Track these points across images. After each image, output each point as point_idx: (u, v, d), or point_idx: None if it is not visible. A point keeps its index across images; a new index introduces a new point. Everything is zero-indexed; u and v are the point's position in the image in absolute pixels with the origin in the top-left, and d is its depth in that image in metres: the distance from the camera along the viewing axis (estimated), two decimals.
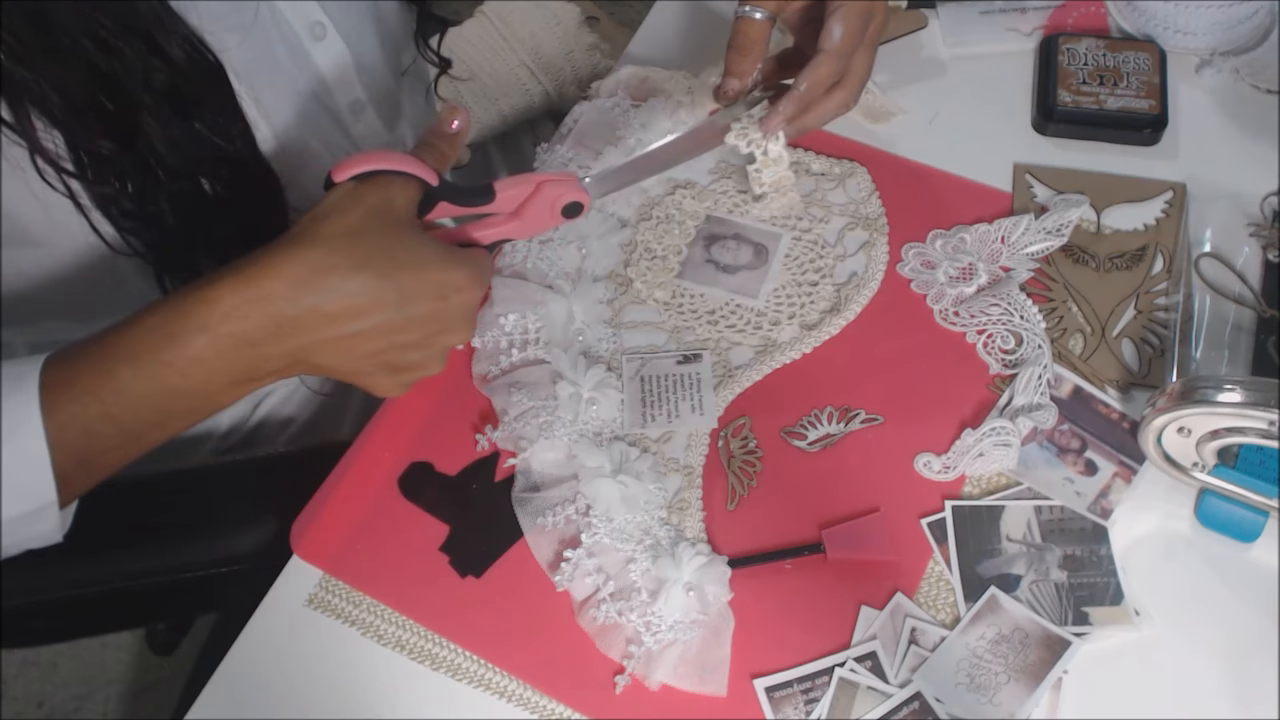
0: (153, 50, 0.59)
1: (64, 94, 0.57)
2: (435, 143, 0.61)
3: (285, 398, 0.85)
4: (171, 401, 0.54)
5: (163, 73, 0.59)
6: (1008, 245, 0.70)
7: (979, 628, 0.57)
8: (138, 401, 0.53)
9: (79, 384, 0.52)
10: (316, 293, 0.53)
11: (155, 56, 0.59)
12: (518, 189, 0.61)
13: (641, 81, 0.80)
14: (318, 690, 0.59)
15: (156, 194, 0.62)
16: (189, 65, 0.60)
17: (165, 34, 0.59)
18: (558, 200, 0.62)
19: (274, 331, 0.53)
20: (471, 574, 0.61)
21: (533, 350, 0.68)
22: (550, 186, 0.61)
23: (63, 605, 0.75)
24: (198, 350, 0.52)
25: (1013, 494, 0.61)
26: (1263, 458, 0.57)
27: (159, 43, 0.59)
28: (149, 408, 0.53)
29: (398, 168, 0.56)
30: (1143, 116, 0.74)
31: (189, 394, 0.54)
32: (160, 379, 0.52)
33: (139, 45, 0.58)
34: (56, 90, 0.56)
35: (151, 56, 0.59)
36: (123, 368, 0.52)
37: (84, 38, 0.56)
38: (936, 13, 0.82)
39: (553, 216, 0.62)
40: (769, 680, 0.56)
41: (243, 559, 0.73)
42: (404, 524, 0.63)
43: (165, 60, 0.59)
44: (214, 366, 0.53)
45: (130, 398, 0.53)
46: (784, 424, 0.65)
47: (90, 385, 0.52)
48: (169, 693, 1.34)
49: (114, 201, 0.62)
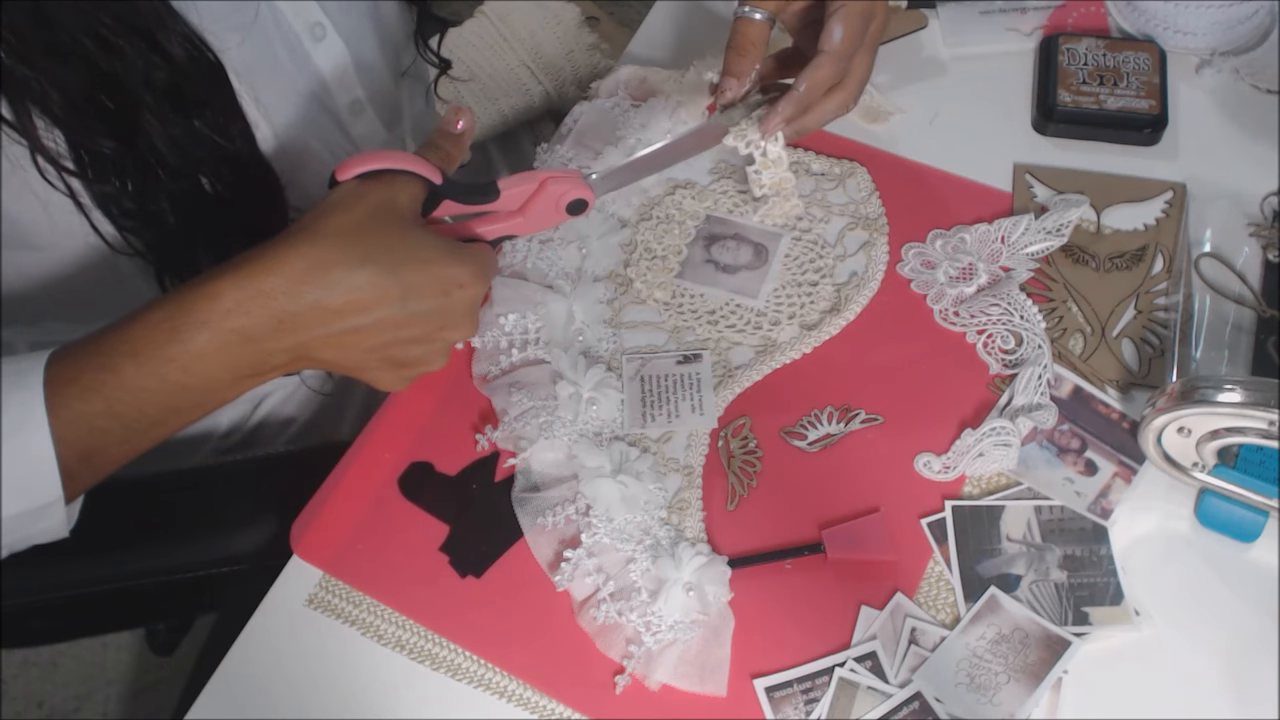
0: (153, 49, 0.59)
1: (65, 92, 0.57)
2: (440, 143, 0.61)
3: (285, 398, 0.85)
4: (175, 397, 0.54)
5: (163, 71, 0.59)
6: (1008, 245, 0.70)
7: (979, 628, 0.57)
8: (142, 397, 0.53)
9: (83, 380, 0.53)
10: (319, 288, 0.53)
11: (156, 55, 0.59)
12: (522, 186, 0.61)
13: (641, 81, 0.80)
14: (318, 690, 0.59)
15: (157, 193, 0.62)
16: (190, 64, 0.61)
17: (166, 33, 0.59)
18: (562, 197, 0.62)
19: (275, 327, 0.53)
20: (471, 574, 0.61)
21: (533, 350, 0.68)
22: (555, 183, 0.61)
23: (63, 605, 0.75)
24: (200, 346, 0.52)
25: (1013, 494, 0.61)
26: (1263, 458, 0.57)
27: (160, 41, 0.59)
28: (153, 404, 0.53)
29: (402, 167, 0.56)
30: (1143, 116, 0.74)
31: (192, 390, 0.54)
32: (163, 375, 0.53)
33: (140, 44, 0.58)
34: (57, 89, 0.56)
35: (152, 55, 0.59)
36: (126, 363, 0.52)
37: (85, 36, 0.56)
38: (936, 13, 0.82)
39: (557, 213, 0.63)
40: (769, 680, 0.56)
41: (243, 559, 0.73)
42: (404, 524, 0.63)
43: (166, 59, 0.59)
44: (217, 362, 0.53)
45: (134, 394, 0.53)
46: (784, 424, 0.65)
47: (94, 381, 0.52)
48: (169, 693, 1.34)
49: (114, 200, 0.62)
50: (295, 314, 0.53)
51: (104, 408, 0.53)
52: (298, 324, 0.53)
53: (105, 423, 0.53)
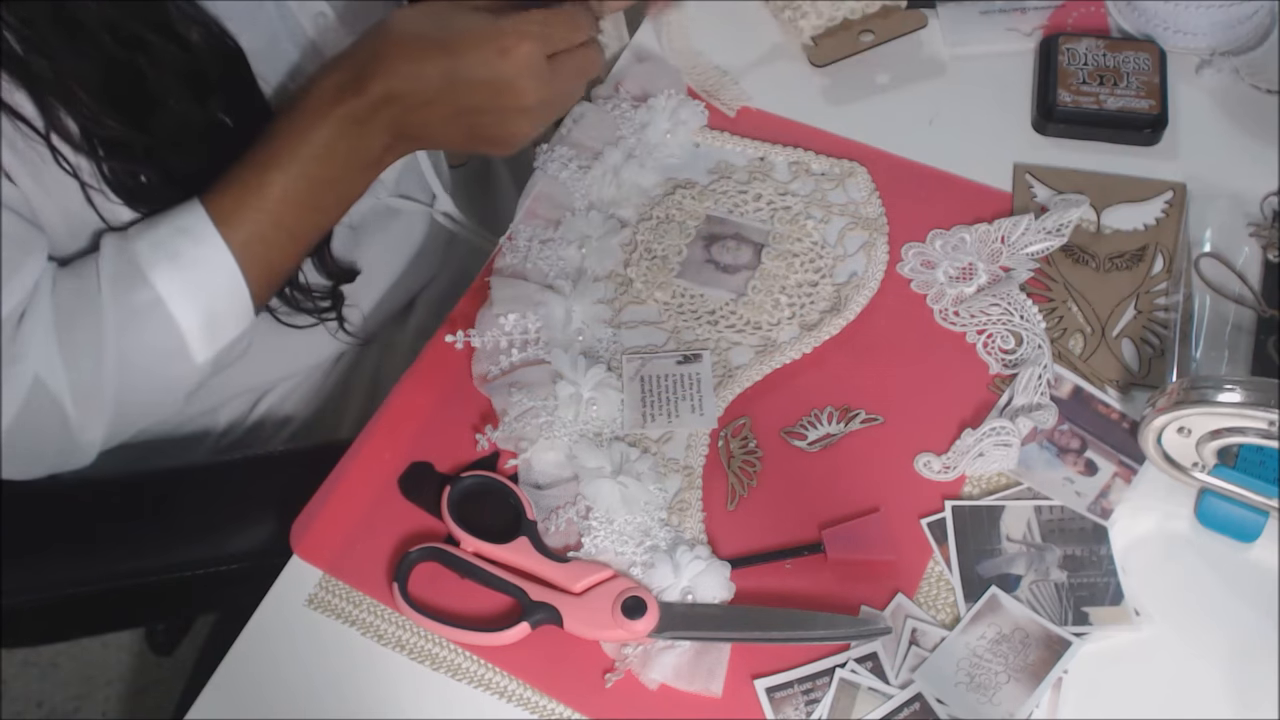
0: (172, 38, 0.60)
1: (84, 84, 0.58)
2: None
3: (284, 396, 0.85)
4: (320, 194, 0.63)
5: (182, 59, 0.61)
6: (1008, 245, 0.70)
7: (979, 628, 0.57)
8: (296, 201, 0.62)
9: (245, 206, 0.62)
10: (392, 78, 0.60)
11: (175, 44, 0.60)
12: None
13: (641, 81, 0.80)
14: (318, 690, 0.59)
15: (176, 182, 0.63)
16: (209, 51, 0.62)
17: (185, 21, 0.61)
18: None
19: (369, 108, 0.61)
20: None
21: (533, 350, 0.68)
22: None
23: (63, 605, 0.75)
24: (326, 137, 0.61)
25: (1013, 494, 0.61)
26: (1263, 458, 0.57)
27: (179, 30, 0.61)
28: (306, 205, 0.63)
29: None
30: (1143, 116, 0.74)
31: (331, 182, 0.63)
32: (307, 174, 0.62)
33: (159, 34, 0.60)
34: (77, 81, 0.57)
35: (171, 44, 0.60)
36: (274, 174, 0.61)
37: (103, 29, 0.57)
38: (936, 13, 0.82)
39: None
40: (770, 681, 0.56)
41: (243, 559, 0.73)
42: (404, 524, 0.63)
43: (185, 47, 0.61)
44: (339, 149, 0.62)
45: (290, 200, 0.62)
46: (784, 424, 0.65)
47: (256, 202, 0.62)
48: (169, 693, 1.34)
49: (133, 192, 0.62)
50: (383, 94, 0.60)
51: (271, 220, 0.62)
52: (385, 102, 0.61)
53: (275, 234, 0.63)
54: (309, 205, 0.63)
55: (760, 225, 0.73)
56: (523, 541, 0.60)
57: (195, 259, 0.61)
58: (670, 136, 0.76)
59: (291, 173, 0.61)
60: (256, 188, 0.62)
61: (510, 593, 0.58)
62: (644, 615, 0.56)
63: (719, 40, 0.83)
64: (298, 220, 0.64)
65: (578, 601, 0.58)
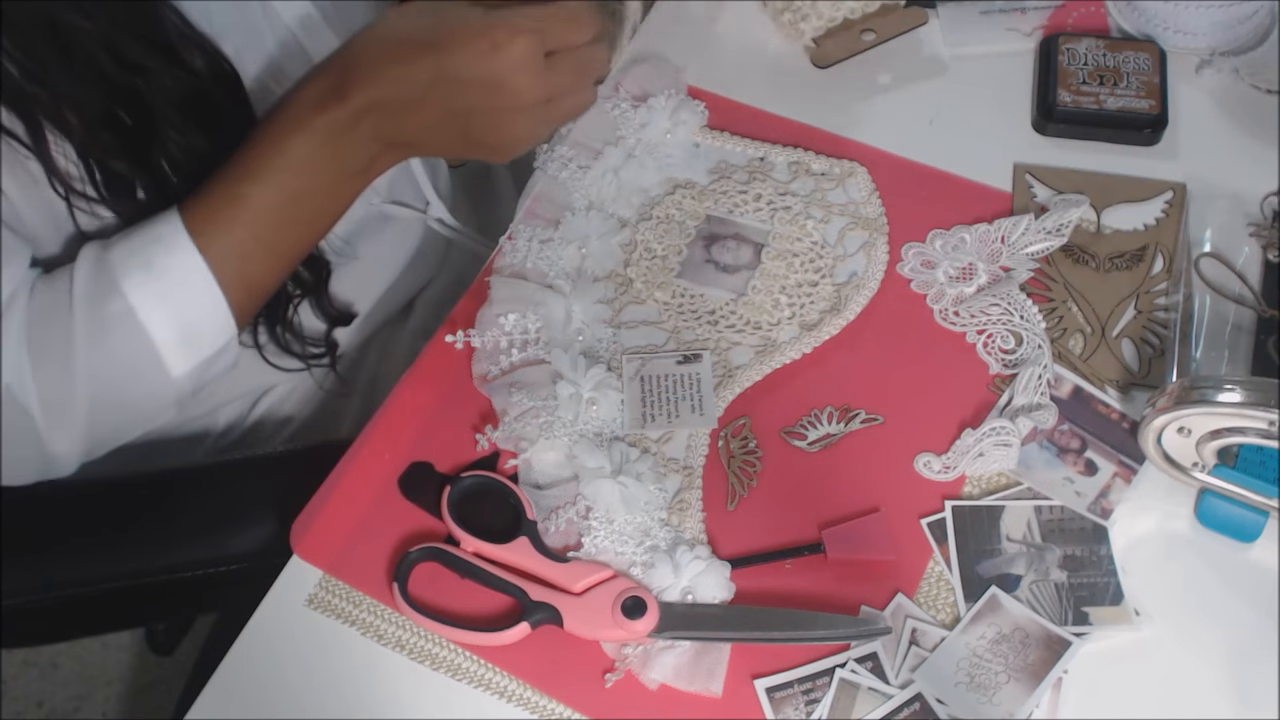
0: (174, 62, 0.59)
1: (81, 110, 0.57)
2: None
3: (284, 396, 0.85)
4: (298, 207, 0.60)
5: (184, 84, 0.60)
6: (1008, 245, 0.70)
7: (979, 628, 0.57)
8: (275, 212, 0.60)
9: (220, 217, 0.59)
10: (377, 84, 0.58)
11: (177, 69, 0.60)
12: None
13: (641, 81, 0.80)
14: (318, 690, 0.59)
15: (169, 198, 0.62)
16: (210, 76, 0.61)
17: (187, 45, 0.60)
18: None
19: (354, 115, 0.58)
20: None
21: (533, 350, 0.67)
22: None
23: (63, 605, 0.75)
24: (302, 149, 0.59)
25: (1013, 494, 0.61)
26: (1263, 458, 0.57)
27: (180, 54, 0.60)
28: (285, 217, 0.60)
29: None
30: (1143, 116, 0.74)
31: (311, 193, 0.60)
32: (282, 185, 0.59)
33: (161, 58, 0.59)
34: (73, 107, 0.57)
35: (173, 69, 0.59)
36: (248, 187, 0.59)
37: (102, 53, 0.56)
38: (937, 12, 0.82)
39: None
40: (770, 681, 0.56)
41: (243, 559, 0.73)
42: (404, 524, 0.63)
43: (188, 71, 0.60)
44: (320, 159, 0.59)
45: (266, 212, 0.59)
46: (784, 424, 0.65)
47: (230, 214, 0.59)
48: (169, 693, 1.34)
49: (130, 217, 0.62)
50: (371, 101, 0.58)
51: (247, 234, 0.59)
52: (370, 108, 0.58)
53: (253, 249, 0.60)
54: (289, 217, 0.61)
55: (760, 225, 0.73)
56: (523, 541, 0.60)
57: (167, 268, 0.59)
58: (670, 136, 0.76)
59: (268, 183, 0.59)
60: (232, 198, 0.59)
61: (510, 593, 0.58)
62: (644, 615, 0.56)
63: (719, 40, 0.83)
64: (276, 232, 0.61)
65: (578, 601, 0.58)
